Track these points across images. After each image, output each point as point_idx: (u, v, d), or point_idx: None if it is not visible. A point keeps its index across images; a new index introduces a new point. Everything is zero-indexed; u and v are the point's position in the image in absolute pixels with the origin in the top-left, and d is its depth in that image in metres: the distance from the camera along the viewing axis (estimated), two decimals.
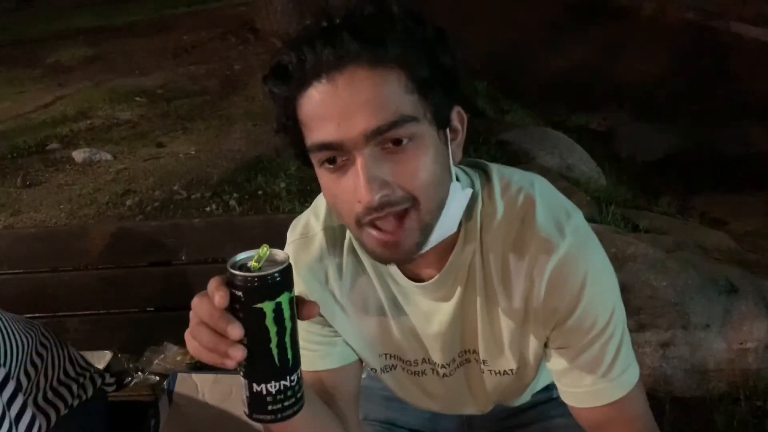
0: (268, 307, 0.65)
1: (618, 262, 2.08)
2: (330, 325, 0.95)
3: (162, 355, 1.68)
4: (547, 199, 0.86)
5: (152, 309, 1.80)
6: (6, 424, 0.98)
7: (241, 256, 0.68)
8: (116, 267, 1.77)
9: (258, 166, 3.95)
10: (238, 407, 1.55)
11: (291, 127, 0.78)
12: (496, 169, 0.89)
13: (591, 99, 5.55)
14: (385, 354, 0.98)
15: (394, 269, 0.90)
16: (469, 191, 0.84)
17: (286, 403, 0.70)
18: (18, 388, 1.07)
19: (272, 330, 0.66)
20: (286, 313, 0.67)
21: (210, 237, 1.76)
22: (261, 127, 4.69)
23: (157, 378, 1.64)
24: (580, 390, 0.88)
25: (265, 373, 0.68)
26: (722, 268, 2.24)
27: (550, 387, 1.12)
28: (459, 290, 0.88)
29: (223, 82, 5.96)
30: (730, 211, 3.70)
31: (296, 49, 0.73)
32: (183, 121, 5.00)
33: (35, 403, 1.18)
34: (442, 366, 0.97)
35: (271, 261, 0.67)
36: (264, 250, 0.67)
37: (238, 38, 7.47)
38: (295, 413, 0.71)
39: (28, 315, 1.43)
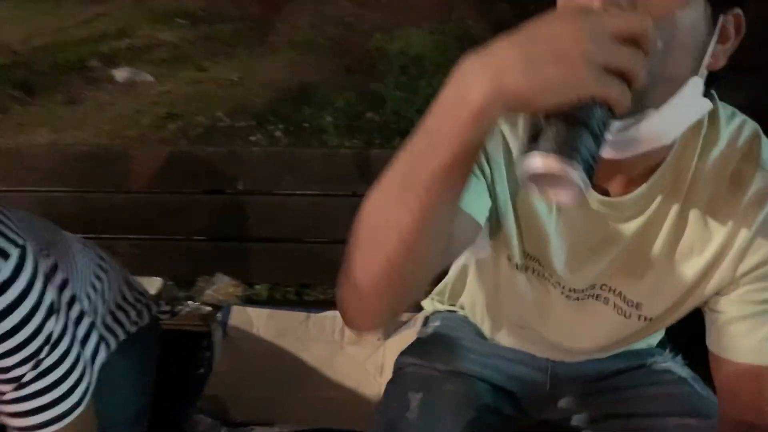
0: None
1: None
2: (487, 183, 0.82)
3: (215, 286, 1.63)
4: None
5: (204, 238, 1.75)
6: (76, 349, 0.92)
7: None
8: (169, 192, 1.71)
9: (303, 97, 3.84)
10: (292, 345, 1.51)
11: None
12: (717, 97, 0.77)
13: None
14: (529, 255, 0.88)
15: None
16: (709, 105, 0.68)
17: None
18: (83, 311, 1.01)
19: None
20: None
21: (267, 167, 1.68)
22: (305, 56, 4.56)
23: (209, 308, 1.60)
24: (749, 342, 0.78)
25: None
26: None
27: (646, 354, 1.06)
28: (644, 217, 0.79)
29: (265, 8, 5.79)
30: None
31: None
32: (225, 45, 4.88)
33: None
34: (574, 290, 0.89)
35: None
36: None
37: None
38: None
39: (79, 235, 1.38)
